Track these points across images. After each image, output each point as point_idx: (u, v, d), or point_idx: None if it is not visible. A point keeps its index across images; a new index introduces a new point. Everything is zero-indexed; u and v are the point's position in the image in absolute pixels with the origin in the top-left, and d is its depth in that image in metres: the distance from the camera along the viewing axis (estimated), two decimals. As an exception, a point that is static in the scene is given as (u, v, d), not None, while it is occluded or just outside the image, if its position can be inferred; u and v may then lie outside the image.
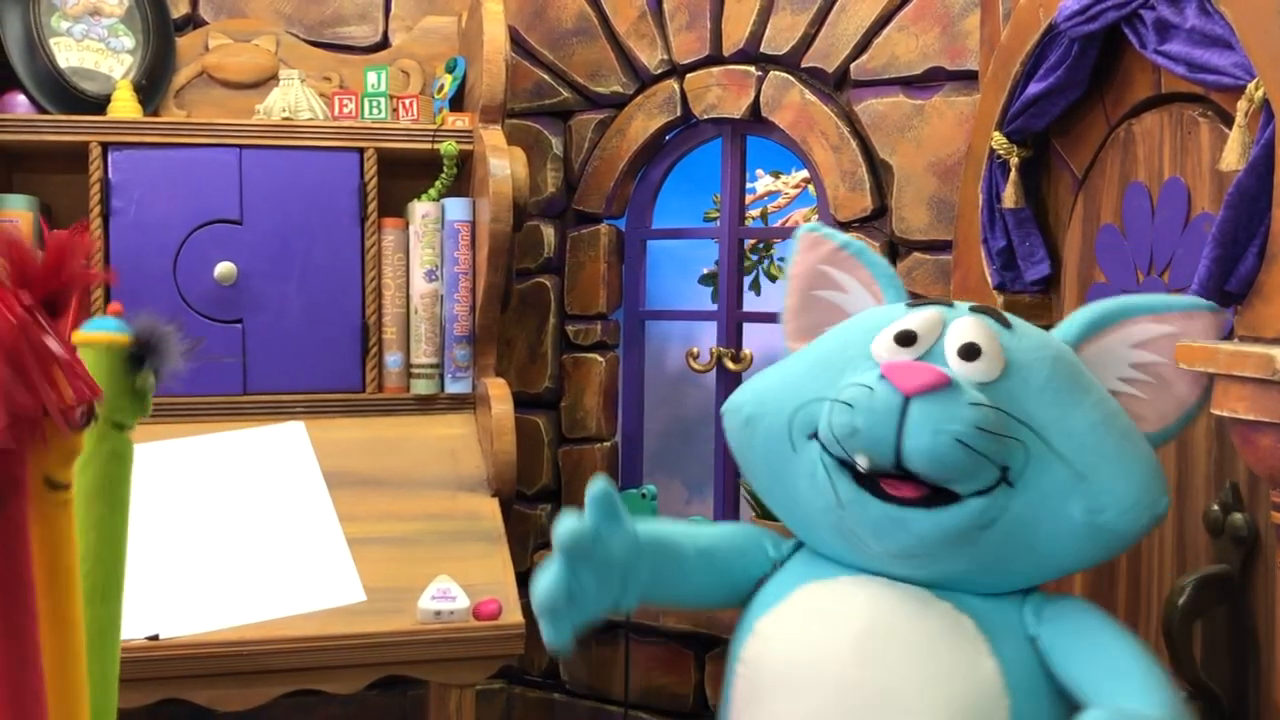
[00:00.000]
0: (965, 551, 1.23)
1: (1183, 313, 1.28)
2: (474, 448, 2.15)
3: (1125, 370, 1.31)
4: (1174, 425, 1.30)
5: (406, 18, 2.46)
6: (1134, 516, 1.21)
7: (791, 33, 2.20)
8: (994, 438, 1.18)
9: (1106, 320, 1.31)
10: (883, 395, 1.19)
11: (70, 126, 2.09)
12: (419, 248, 2.21)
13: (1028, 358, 1.26)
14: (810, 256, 1.50)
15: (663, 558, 1.37)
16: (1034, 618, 1.26)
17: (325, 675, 1.79)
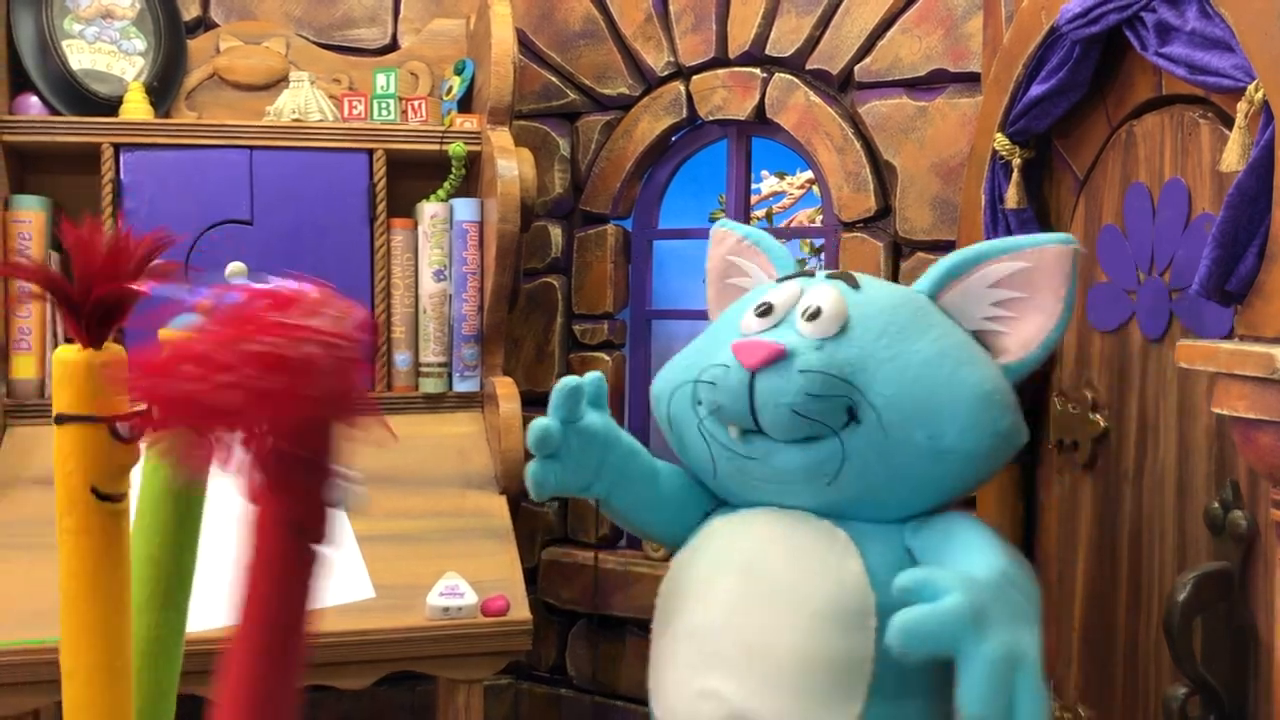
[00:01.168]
0: (832, 482, 1.37)
1: (1033, 248, 1.41)
2: (482, 446, 2.16)
3: (987, 309, 1.44)
4: (1035, 351, 1.42)
5: (415, 20, 2.46)
6: (975, 437, 1.36)
7: (796, 35, 2.20)
8: (821, 400, 1.33)
9: (962, 266, 1.45)
10: (734, 372, 1.37)
11: (82, 128, 2.10)
12: (427, 248, 2.22)
13: (869, 310, 1.40)
14: (720, 249, 1.70)
15: (635, 458, 1.55)
16: (911, 533, 1.41)
17: (335, 671, 1.80)
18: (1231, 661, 1.27)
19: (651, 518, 1.59)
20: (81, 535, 1.04)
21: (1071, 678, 1.60)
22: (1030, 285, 1.41)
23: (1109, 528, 1.52)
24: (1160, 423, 1.42)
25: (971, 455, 1.37)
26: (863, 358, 1.36)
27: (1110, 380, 1.52)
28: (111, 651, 1.06)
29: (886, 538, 1.39)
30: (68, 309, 1.00)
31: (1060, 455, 1.62)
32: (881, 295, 1.44)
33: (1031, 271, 1.40)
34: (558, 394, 1.46)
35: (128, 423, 1.01)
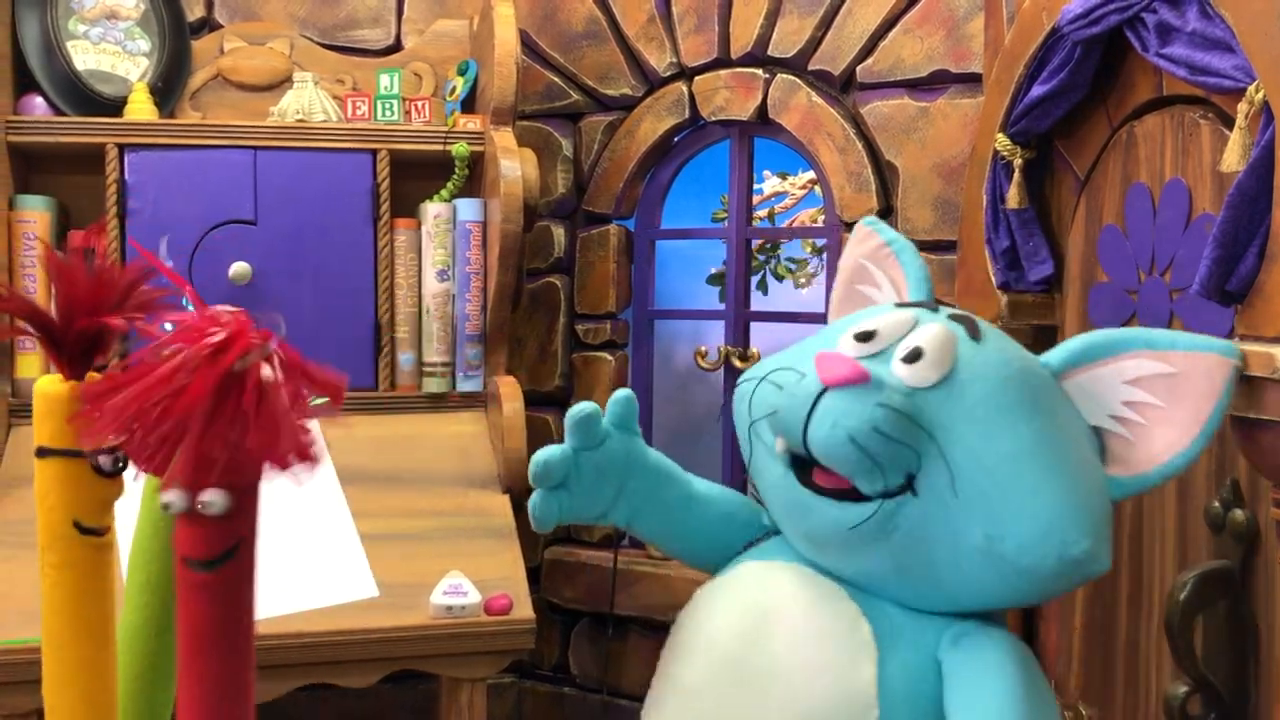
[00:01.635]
0: (868, 552, 1.20)
1: (1185, 353, 1.19)
2: (485, 445, 2.17)
3: (1116, 407, 1.23)
4: (1156, 471, 1.21)
5: (419, 21, 2.47)
6: (1038, 552, 1.14)
7: (798, 36, 2.21)
8: (888, 441, 1.14)
9: (1100, 351, 1.24)
10: (807, 382, 1.18)
11: (87, 128, 2.11)
12: (431, 248, 2.23)
13: (977, 372, 1.20)
14: (858, 250, 1.51)
15: (663, 484, 1.38)
16: (949, 644, 1.21)
17: (339, 669, 1.81)
18: (1232, 660, 1.27)
19: (682, 547, 1.44)
20: (65, 570, 1.02)
21: (1073, 676, 1.60)
22: (1172, 394, 1.20)
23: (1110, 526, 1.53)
24: (1161, 422, 1.42)
25: (1028, 572, 1.16)
26: (950, 421, 1.17)
27: (1111, 379, 1.52)
28: (95, 686, 1.05)
29: (919, 640, 1.22)
30: (49, 342, 0.98)
31: (1061, 454, 1.62)
32: (999, 358, 1.23)
33: (1177, 379, 1.19)
34: (569, 422, 1.32)
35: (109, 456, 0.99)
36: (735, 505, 1.44)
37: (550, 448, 1.32)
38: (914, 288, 1.42)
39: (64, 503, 1.01)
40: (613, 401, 1.35)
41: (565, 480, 1.32)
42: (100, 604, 1.05)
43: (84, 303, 0.97)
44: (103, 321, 0.97)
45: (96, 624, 1.05)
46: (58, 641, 1.04)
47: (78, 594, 1.03)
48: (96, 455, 1.00)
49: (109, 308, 0.98)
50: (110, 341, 1.00)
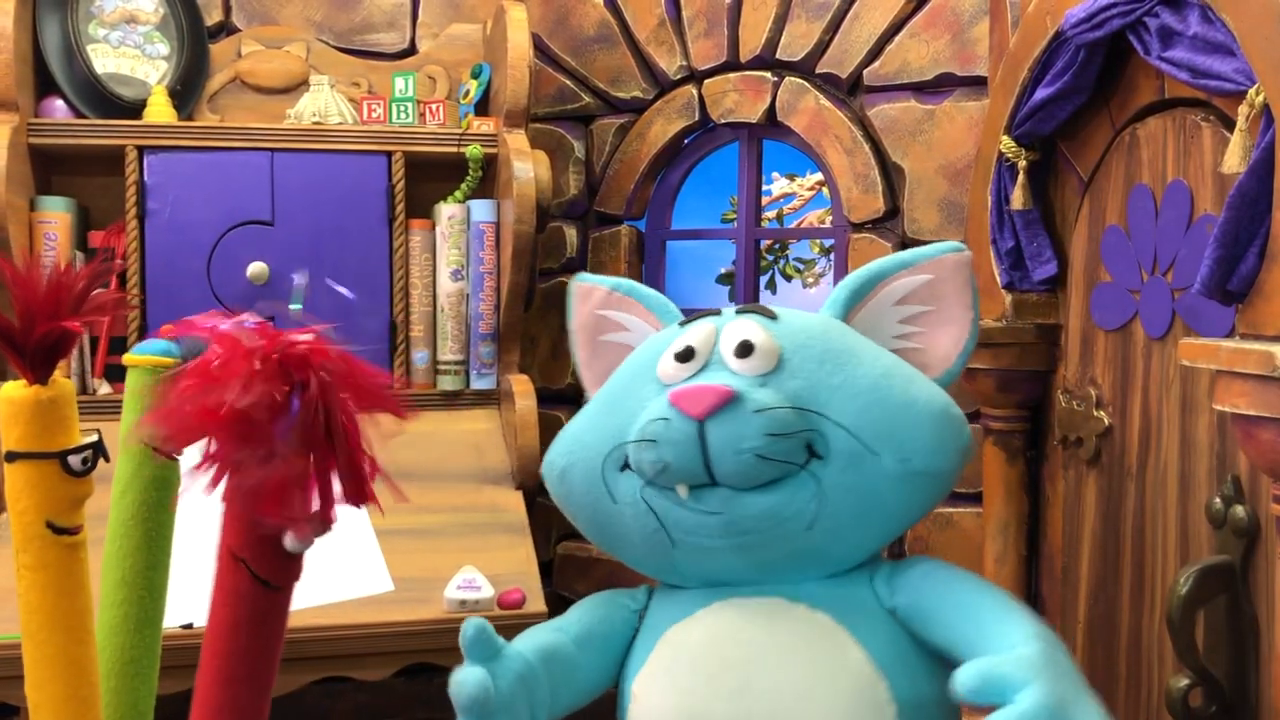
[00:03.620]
0: (795, 533, 1.25)
1: (931, 259, 1.37)
2: (498, 442, 2.17)
3: (896, 328, 1.38)
4: (956, 363, 1.38)
5: (433, 25, 2.48)
6: (942, 456, 1.27)
7: (806, 40, 2.22)
8: (785, 438, 1.21)
9: (865, 286, 1.38)
10: (678, 424, 1.21)
11: (107, 131, 2.11)
12: (445, 248, 2.24)
13: (799, 339, 1.30)
14: (586, 305, 1.55)
15: (555, 665, 1.32)
16: (886, 590, 1.29)
17: (354, 663, 1.81)
18: (1233, 653, 1.28)
19: (592, 689, 1.39)
20: (39, 571, 1.03)
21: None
22: (935, 297, 1.37)
23: (1113, 522, 1.53)
24: (1163, 419, 1.43)
25: (940, 475, 1.29)
26: (811, 388, 1.26)
27: (1114, 378, 1.53)
28: (76, 682, 1.05)
29: (866, 606, 1.28)
30: (11, 348, 0.99)
31: (1065, 451, 1.63)
32: (804, 323, 1.34)
33: (934, 283, 1.37)
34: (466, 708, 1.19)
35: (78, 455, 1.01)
36: (607, 617, 1.41)
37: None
38: (661, 313, 1.48)
39: (36, 504, 1.02)
40: (472, 642, 1.22)
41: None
42: (76, 601, 1.06)
43: (43, 309, 0.99)
44: (62, 326, 0.99)
45: (75, 621, 1.06)
46: (37, 640, 1.05)
47: (54, 593, 1.04)
48: (66, 455, 1.01)
49: (67, 312, 1.00)
50: (70, 345, 1.01)
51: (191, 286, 2.13)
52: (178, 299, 2.13)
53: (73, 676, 1.06)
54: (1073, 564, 1.63)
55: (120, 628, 1.15)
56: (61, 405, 1.02)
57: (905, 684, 1.24)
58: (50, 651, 1.05)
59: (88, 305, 1.01)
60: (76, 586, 1.06)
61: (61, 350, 1.01)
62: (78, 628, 1.06)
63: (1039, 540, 1.71)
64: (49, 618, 1.05)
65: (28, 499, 1.03)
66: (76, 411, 1.05)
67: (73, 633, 1.06)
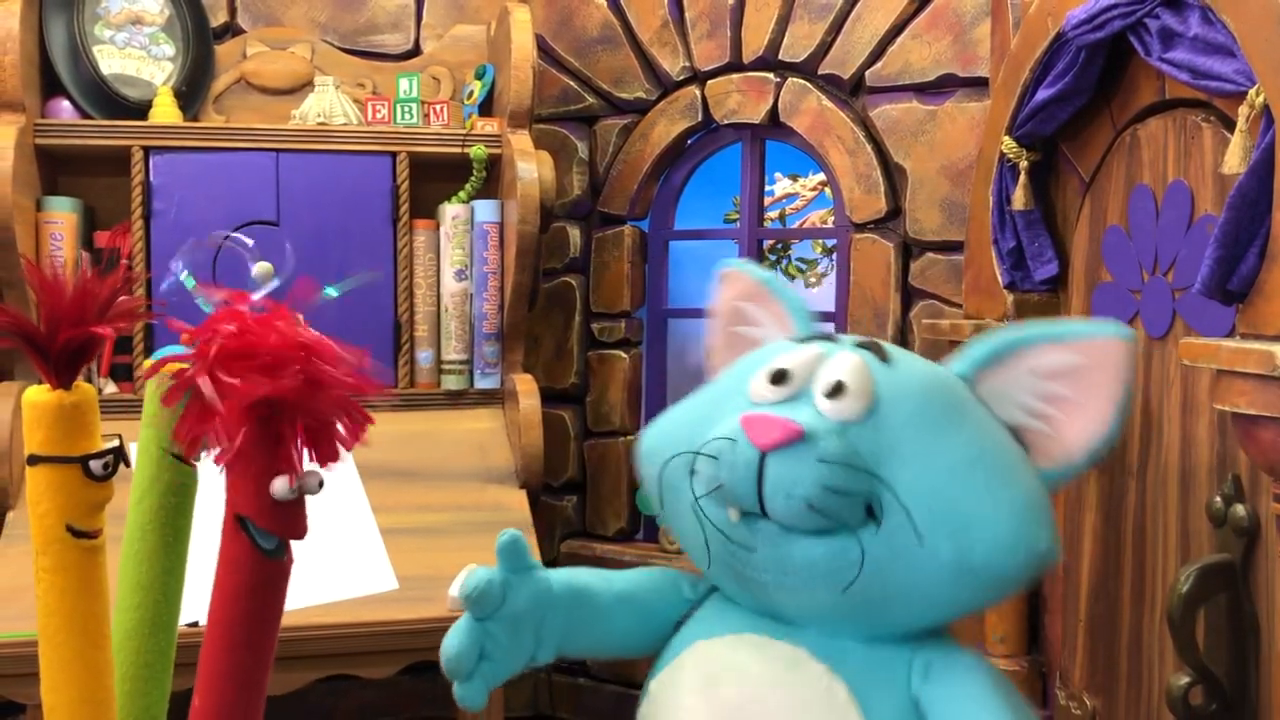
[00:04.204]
0: (850, 584, 1.18)
1: (1083, 341, 1.23)
2: (502, 441, 2.18)
3: (1029, 403, 1.25)
4: (1080, 460, 1.24)
5: (437, 26, 2.49)
6: (1008, 556, 1.16)
7: (809, 41, 2.23)
8: (841, 495, 1.14)
9: (1006, 349, 1.26)
10: (742, 449, 1.16)
11: (113, 131, 2.12)
12: (449, 248, 2.25)
13: (898, 393, 1.21)
14: (729, 293, 1.51)
15: (578, 607, 1.31)
16: (920, 676, 1.20)
17: (359, 661, 1.82)
18: (1233, 651, 1.28)
19: (616, 648, 1.38)
20: (58, 573, 1.03)
21: (1077, 667, 1.61)
22: (1079, 382, 1.23)
23: (1114, 521, 1.54)
24: (1164, 418, 1.43)
25: (999, 576, 1.17)
26: (889, 448, 1.17)
27: (1115, 377, 1.54)
28: (92, 685, 1.06)
29: (892, 686, 1.20)
30: (35, 352, 1.00)
31: (1067, 450, 1.64)
32: (914, 375, 1.24)
33: (1082, 367, 1.22)
34: (466, 599, 1.22)
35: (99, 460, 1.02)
36: (657, 590, 1.39)
37: (454, 634, 1.23)
38: (797, 318, 1.42)
39: (56, 507, 1.02)
40: (500, 550, 1.26)
41: (482, 652, 1.23)
42: (95, 604, 1.06)
43: (68, 314, 0.99)
44: (88, 332, 1.00)
45: (91, 624, 1.06)
46: (55, 642, 1.05)
47: (73, 596, 1.04)
48: (87, 460, 1.02)
49: (93, 319, 1.00)
50: (94, 351, 1.02)
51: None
52: (183, 299, 2.13)
53: (89, 679, 1.06)
54: (1074, 562, 1.63)
55: (136, 631, 1.15)
56: (84, 410, 1.03)
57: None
58: (67, 654, 1.05)
59: (113, 312, 1.02)
60: (95, 590, 1.07)
61: (86, 356, 1.02)
62: (95, 631, 1.07)
63: (1040, 539, 1.71)
64: (67, 620, 1.05)
65: (48, 502, 1.03)
66: (99, 416, 1.06)
67: (90, 636, 1.06)
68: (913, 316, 2.16)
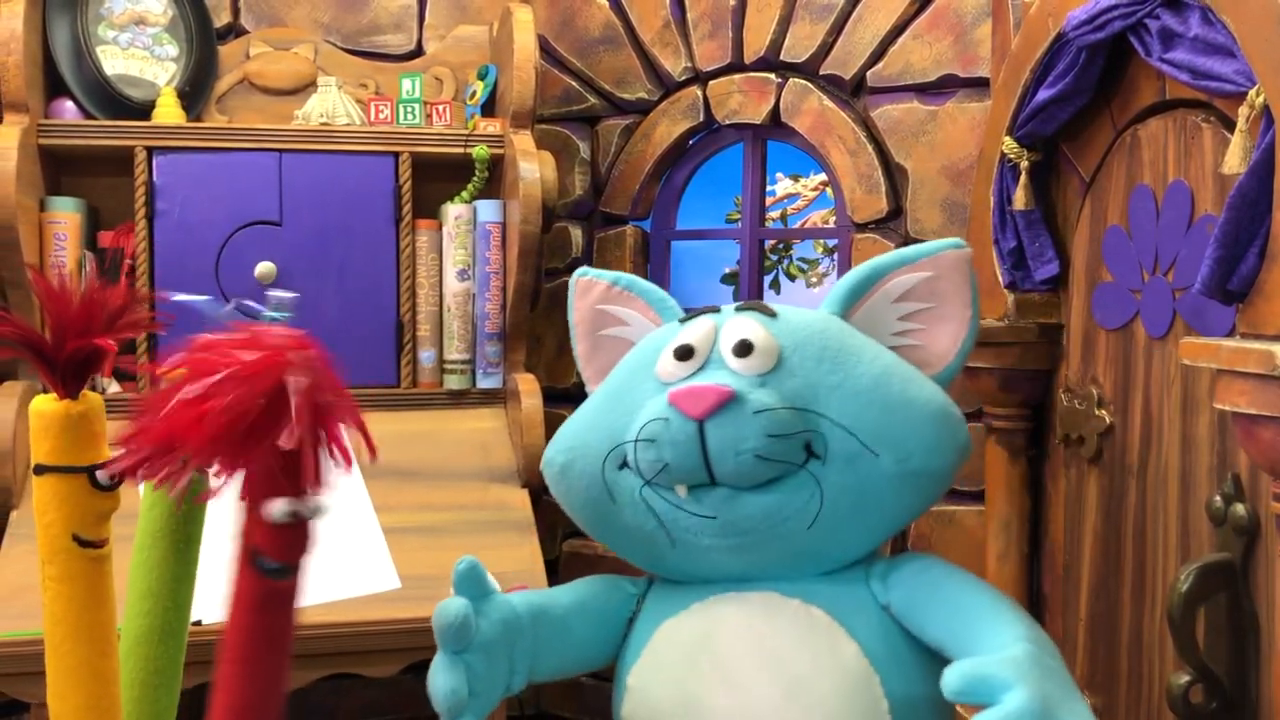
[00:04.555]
0: (795, 532, 1.25)
1: (929, 257, 1.37)
2: (504, 440, 2.18)
3: (895, 325, 1.37)
4: (955, 360, 1.37)
5: (440, 27, 2.49)
6: (940, 455, 1.28)
7: (810, 41, 2.23)
8: (785, 438, 1.22)
9: (864, 283, 1.38)
10: (678, 424, 1.22)
11: (116, 131, 2.12)
12: (451, 248, 2.25)
13: (798, 337, 1.30)
14: (587, 300, 1.56)
15: (541, 625, 1.34)
16: (881, 586, 1.30)
17: (362, 659, 1.82)
18: (1233, 650, 1.28)
19: (580, 662, 1.42)
20: (64, 583, 1.03)
21: (1078, 666, 1.62)
22: (934, 294, 1.37)
23: (1114, 520, 1.54)
24: (1164, 418, 1.43)
25: (937, 475, 1.30)
26: (810, 387, 1.26)
27: (1115, 377, 1.54)
28: (98, 693, 1.06)
29: (861, 602, 1.29)
30: (42, 363, 1.00)
31: (1067, 450, 1.64)
32: (803, 321, 1.34)
33: (934, 280, 1.37)
34: (443, 635, 1.25)
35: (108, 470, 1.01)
36: (604, 593, 1.43)
37: (437, 674, 1.25)
38: (661, 309, 1.48)
39: (63, 517, 1.02)
40: (460, 578, 1.29)
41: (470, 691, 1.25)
42: (100, 613, 1.06)
43: (75, 325, 0.99)
44: (94, 343, 1.00)
45: (98, 633, 1.06)
46: (60, 651, 1.05)
47: (79, 605, 1.04)
48: (94, 470, 1.01)
49: (99, 329, 1.00)
50: (101, 361, 1.02)
51: (200, 286, 2.13)
52: (190, 314, 2.14)
53: (95, 688, 1.06)
54: (1074, 561, 1.64)
55: (145, 638, 1.15)
56: (91, 420, 1.03)
57: (898, 680, 1.25)
58: (73, 662, 1.05)
59: (120, 323, 1.02)
60: (101, 599, 1.07)
61: (93, 366, 1.02)
62: (101, 639, 1.07)
63: (1041, 538, 1.72)
64: (73, 629, 1.05)
65: (55, 512, 1.03)
66: (106, 426, 1.05)
67: (96, 644, 1.06)
68: (914, 316, 2.16)
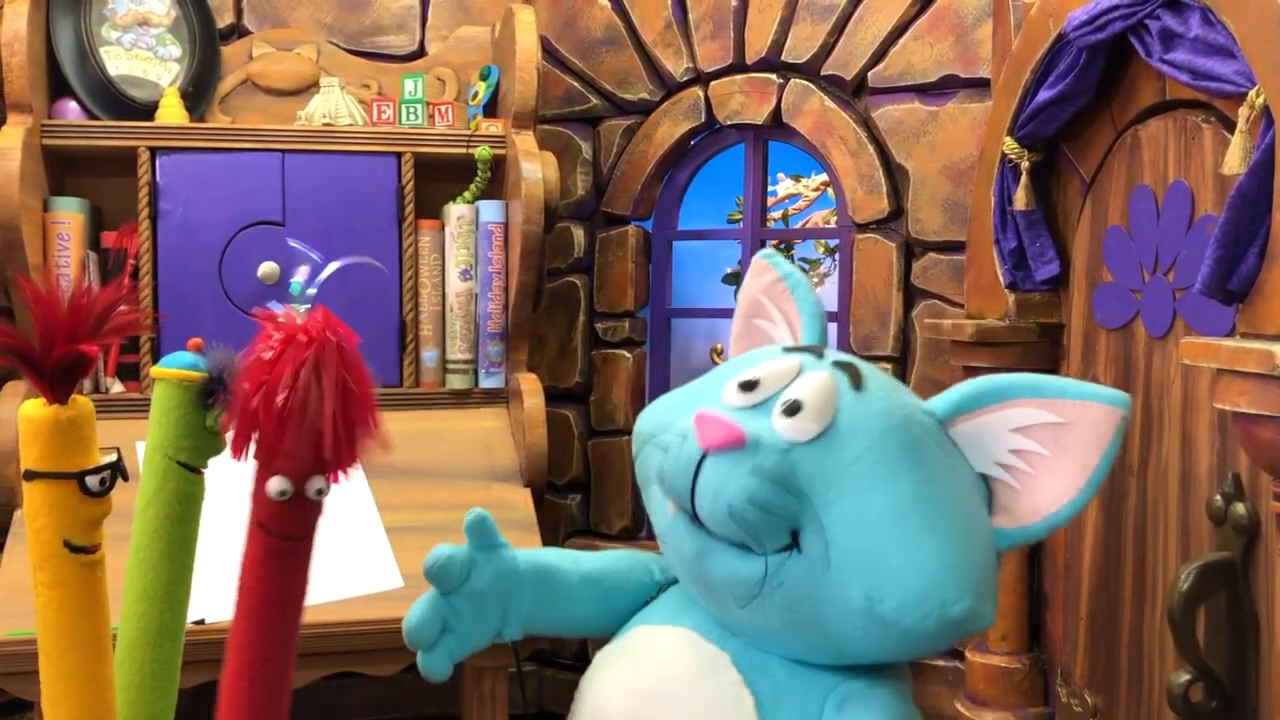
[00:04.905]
0: (760, 604, 1.16)
1: (1074, 402, 1.17)
2: (507, 440, 2.19)
3: (1003, 455, 1.20)
4: (1043, 523, 1.19)
5: (442, 27, 2.49)
6: (919, 614, 1.10)
7: (811, 42, 2.23)
8: (763, 512, 1.11)
9: (988, 398, 1.20)
10: (688, 445, 1.15)
11: (120, 132, 2.12)
12: (454, 248, 2.25)
13: (859, 424, 1.16)
14: (755, 284, 1.48)
15: (545, 586, 1.33)
16: (834, 708, 1.18)
17: (364, 658, 1.83)
18: (1233, 649, 1.29)
19: (583, 629, 1.40)
20: (56, 588, 1.03)
21: (1078, 664, 1.62)
22: (1059, 444, 1.17)
23: (1115, 519, 1.55)
24: (1164, 418, 1.44)
25: (910, 633, 1.12)
26: (831, 477, 1.13)
27: (1116, 376, 1.54)
28: (92, 699, 1.05)
29: (802, 707, 1.19)
30: (30, 369, 0.99)
31: (1068, 449, 1.65)
32: (881, 407, 1.19)
33: (1065, 428, 1.17)
34: (429, 572, 1.26)
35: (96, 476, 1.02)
36: (625, 572, 1.40)
37: (417, 606, 1.26)
38: (806, 324, 1.39)
39: (53, 523, 1.02)
40: (468, 528, 1.29)
41: (445, 625, 1.26)
42: (94, 619, 1.05)
43: (62, 330, 0.99)
44: (80, 349, 0.99)
45: (91, 638, 1.05)
46: (53, 657, 1.05)
47: (71, 611, 1.04)
48: (84, 475, 1.01)
49: (87, 334, 1.00)
50: (90, 366, 1.01)
51: (203, 286, 2.15)
52: (189, 298, 2.15)
53: (89, 694, 1.06)
54: (1075, 560, 1.64)
55: (140, 641, 1.15)
56: (80, 425, 1.02)
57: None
58: (66, 669, 1.05)
59: (109, 326, 1.02)
60: (93, 604, 1.06)
61: (81, 371, 1.01)
62: (95, 645, 1.06)
63: (1042, 537, 1.72)
64: (65, 635, 1.04)
65: (45, 518, 1.03)
66: (95, 431, 1.05)
67: (89, 650, 1.06)
68: (914, 316, 2.17)
